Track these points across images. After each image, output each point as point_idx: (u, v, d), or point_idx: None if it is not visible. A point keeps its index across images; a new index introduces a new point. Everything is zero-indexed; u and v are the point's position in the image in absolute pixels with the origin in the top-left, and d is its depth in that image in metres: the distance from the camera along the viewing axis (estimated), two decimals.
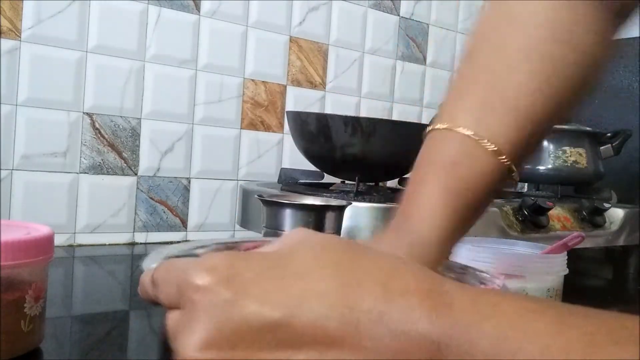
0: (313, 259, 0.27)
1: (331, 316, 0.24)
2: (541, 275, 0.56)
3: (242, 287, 0.25)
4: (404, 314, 0.24)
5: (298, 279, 0.25)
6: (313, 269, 0.26)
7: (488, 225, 0.77)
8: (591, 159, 1.08)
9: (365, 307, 0.24)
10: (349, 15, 1.10)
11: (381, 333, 0.23)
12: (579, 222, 0.92)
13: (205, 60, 0.94)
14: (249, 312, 0.24)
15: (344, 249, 0.28)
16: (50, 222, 0.54)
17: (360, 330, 0.23)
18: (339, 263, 0.26)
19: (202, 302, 0.25)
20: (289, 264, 0.26)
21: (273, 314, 0.24)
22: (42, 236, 0.40)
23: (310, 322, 0.24)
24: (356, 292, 0.24)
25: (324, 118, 0.79)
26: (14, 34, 0.78)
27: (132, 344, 0.47)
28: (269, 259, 0.27)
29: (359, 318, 0.24)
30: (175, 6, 0.90)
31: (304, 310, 0.24)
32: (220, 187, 0.97)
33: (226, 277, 0.25)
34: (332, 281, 0.25)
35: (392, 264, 0.27)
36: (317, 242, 0.28)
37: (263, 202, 0.62)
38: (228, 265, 0.26)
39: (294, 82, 1.04)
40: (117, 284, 0.69)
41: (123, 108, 0.87)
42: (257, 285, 0.25)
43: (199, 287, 0.25)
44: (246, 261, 0.27)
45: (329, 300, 0.24)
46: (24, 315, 0.38)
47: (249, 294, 0.24)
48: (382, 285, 0.25)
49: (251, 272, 0.26)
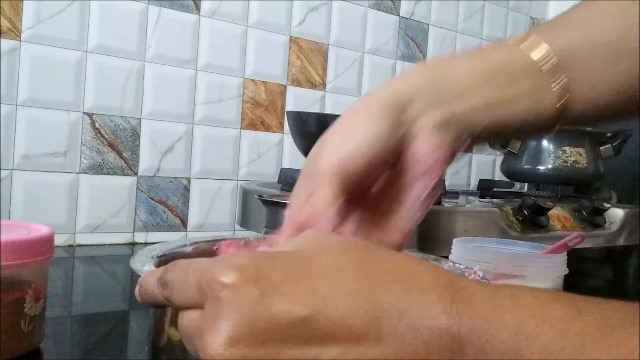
0: (335, 260, 0.28)
1: (354, 314, 0.25)
2: (541, 275, 0.56)
3: (270, 286, 0.26)
4: (424, 310, 0.24)
5: (322, 280, 0.26)
6: (336, 270, 0.27)
7: (488, 225, 0.77)
8: (591, 159, 1.08)
9: (387, 305, 0.25)
10: (349, 15, 1.10)
11: (403, 329, 0.24)
12: (579, 222, 0.92)
13: (205, 60, 0.94)
14: (277, 310, 0.25)
15: (362, 250, 0.29)
16: (50, 222, 0.54)
17: (382, 327, 0.24)
18: (360, 264, 0.27)
19: (229, 299, 0.25)
20: (313, 266, 0.27)
21: (300, 312, 0.25)
22: (42, 236, 0.40)
23: (335, 320, 0.25)
24: (377, 291, 0.25)
25: (324, 118, 0.79)
26: (14, 34, 0.78)
27: (132, 344, 0.47)
28: (293, 260, 0.28)
29: (381, 315, 0.25)
30: (175, 6, 0.90)
31: (329, 308, 0.25)
32: (220, 187, 0.97)
33: (254, 276, 0.26)
34: (354, 281, 0.26)
35: (410, 264, 0.28)
36: (335, 243, 0.30)
37: (263, 202, 0.62)
38: (254, 265, 0.27)
39: (294, 82, 1.04)
40: (117, 284, 0.69)
41: (123, 108, 0.87)
42: (284, 284, 0.26)
43: (226, 284, 0.26)
44: (272, 261, 0.27)
45: (352, 299, 0.25)
46: (24, 315, 0.38)
47: (277, 293, 0.25)
48: (401, 284, 0.26)
49: (277, 271, 0.26)
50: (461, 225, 0.74)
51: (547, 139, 1.09)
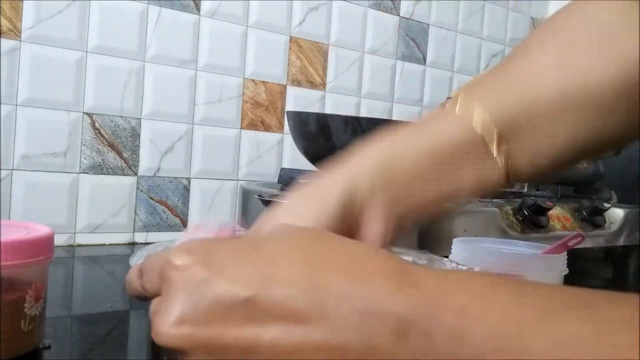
0: (284, 244, 0.28)
1: (298, 296, 0.25)
2: (541, 275, 0.56)
3: (217, 267, 0.27)
4: (369, 293, 0.24)
5: (269, 262, 0.27)
6: (284, 253, 0.27)
7: (488, 225, 0.78)
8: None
9: (332, 287, 0.25)
10: (349, 15, 1.10)
11: (347, 311, 0.24)
12: (579, 222, 0.92)
13: (205, 60, 0.94)
14: (221, 290, 0.26)
15: (313, 236, 0.29)
16: (50, 222, 0.54)
17: (326, 309, 0.24)
18: (309, 248, 0.28)
19: (177, 280, 0.27)
20: (262, 249, 0.28)
21: (244, 292, 0.25)
22: (42, 236, 0.40)
23: (278, 301, 0.25)
24: (323, 274, 0.26)
25: (324, 118, 0.79)
26: (14, 34, 0.78)
27: (132, 344, 0.47)
28: (243, 244, 0.29)
29: (325, 298, 0.25)
30: (175, 6, 0.90)
31: (272, 289, 0.25)
32: (220, 187, 0.97)
33: (202, 259, 0.27)
34: (301, 264, 0.26)
35: (361, 250, 0.28)
36: (291, 230, 0.30)
37: (263, 202, 0.62)
38: (205, 248, 0.28)
39: (294, 82, 1.04)
40: (117, 284, 0.69)
41: (123, 108, 0.87)
42: (230, 266, 0.27)
43: (176, 266, 0.27)
44: (222, 245, 0.29)
45: (297, 281, 0.26)
46: (24, 315, 0.38)
47: (222, 274, 0.26)
48: (349, 268, 0.26)
49: (226, 254, 0.28)
50: (461, 225, 0.74)
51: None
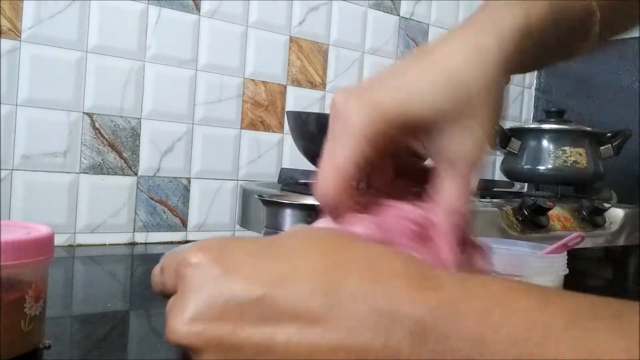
0: (302, 244, 0.28)
1: (314, 295, 0.24)
2: (541, 275, 0.56)
3: (232, 266, 0.26)
4: (388, 295, 0.24)
5: (286, 261, 0.26)
6: (301, 252, 0.27)
7: (488, 225, 0.77)
8: (591, 159, 1.08)
9: (350, 288, 0.24)
10: (349, 15, 1.10)
11: (364, 312, 0.24)
12: (579, 222, 0.92)
13: (205, 60, 0.94)
14: (235, 288, 0.25)
15: (334, 236, 0.29)
16: (50, 222, 0.54)
17: (343, 309, 0.24)
18: (328, 248, 0.27)
19: (192, 277, 0.26)
20: (278, 248, 0.28)
21: (258, 291, 0.25)
22: (42, 236, 0.40)
23: (292, 300, 0.24)
24: (341, 274, 0.25)
25: (324, 118, 0.79)
26: (14, 34, 0.78)
27: (132, 344, 0.47)
28: (260, 243, 0.29)
29: (343, 298, 0.24)
30: (175, 6, 0.90)
31: (287, 288, 0.25)
32: (220, 187, 0.97)
33: (218, 256, 0.27)
34: (318, 263, 0.26)
35: (382, 251, 0.27)
36: (309, 230, 0.30)
37: (263, 202, 0.62)
38: (221, 246, 0.28)
39: (294, 82, 1.04)
40: (117, 284, 0.69)
41: (123, 108, 0.87)
42: (245, 265, 0.26)
43: (192, 264, 0.27)
44: (238, 243, 0.28)
45: (314, 280, 0.25)
46: (24, 315, 0.38)
47: (237, 272, 0.26)
48: (368, 269, 0.25)
49: (242, 253, 0.27)
50: None
51: (546, 139, 1.09)
